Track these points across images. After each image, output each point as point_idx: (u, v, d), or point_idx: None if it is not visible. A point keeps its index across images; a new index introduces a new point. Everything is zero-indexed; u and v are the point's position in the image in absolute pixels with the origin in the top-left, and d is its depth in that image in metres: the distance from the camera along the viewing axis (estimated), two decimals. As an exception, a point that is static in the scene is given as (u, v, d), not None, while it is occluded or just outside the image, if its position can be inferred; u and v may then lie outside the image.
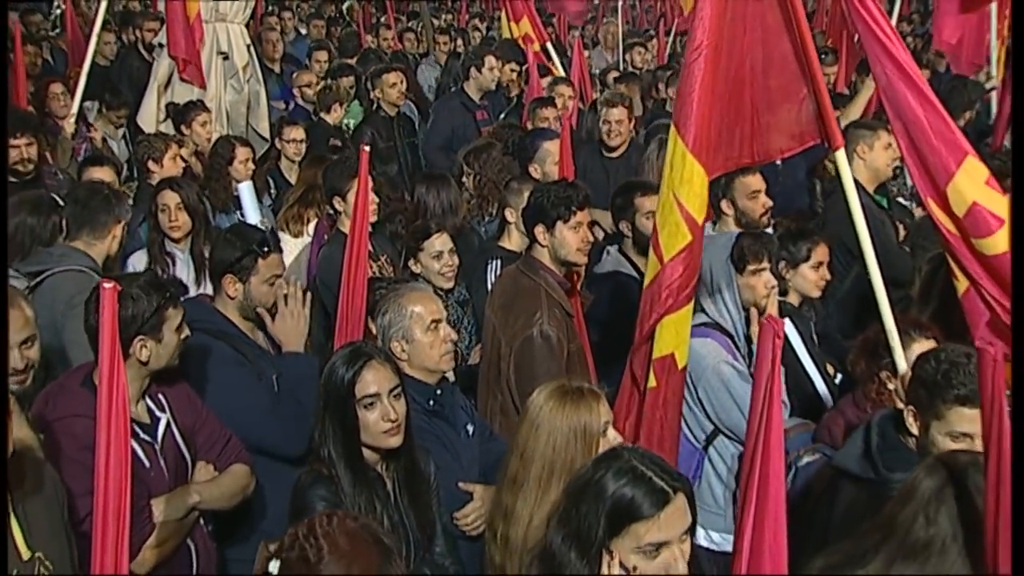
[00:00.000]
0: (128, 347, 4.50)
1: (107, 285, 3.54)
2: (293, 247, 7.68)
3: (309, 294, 5.71)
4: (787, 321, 5.95)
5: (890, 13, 11.68)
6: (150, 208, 7.39)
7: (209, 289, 6.42)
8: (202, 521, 4.85)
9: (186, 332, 4.78)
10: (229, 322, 5.42)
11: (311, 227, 7.94)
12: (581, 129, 10.68)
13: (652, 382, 5.22)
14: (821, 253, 6.36)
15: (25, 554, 3.78)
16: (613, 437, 4.17)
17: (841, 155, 5.39)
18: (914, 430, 4.33)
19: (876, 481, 4.26)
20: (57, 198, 6.69)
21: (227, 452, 4.94)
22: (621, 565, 3.29)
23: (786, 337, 5.83)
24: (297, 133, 9.85)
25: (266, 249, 5.49)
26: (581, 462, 3.95)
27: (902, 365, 5.04)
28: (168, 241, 7.26)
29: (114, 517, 3.49)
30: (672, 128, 5.11)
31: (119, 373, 3.53)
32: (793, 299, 6.26)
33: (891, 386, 5.08)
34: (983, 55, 11.23)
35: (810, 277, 6.23)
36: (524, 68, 11.67)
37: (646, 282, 5.22)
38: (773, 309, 5.95)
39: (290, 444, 5.16)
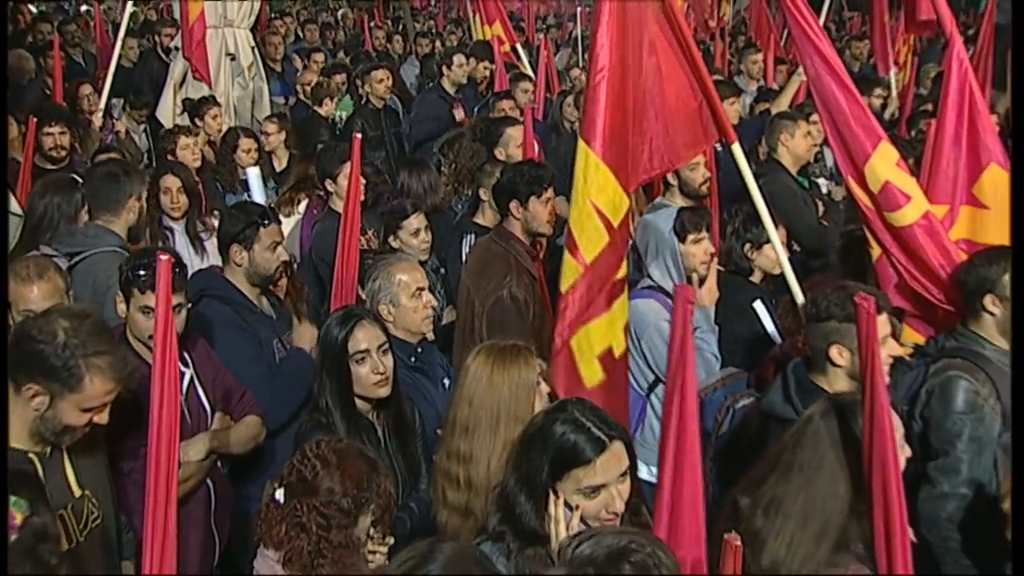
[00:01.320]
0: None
1: (163, 257, 3.54)
2: (286, 225, 7.55)
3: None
4: (758, 301, 5.97)
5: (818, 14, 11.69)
6: (151, 189, 7.25)
7: (204, 260, 6.68)
8: (219, 463, 4.84)
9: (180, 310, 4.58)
10: (237, 290, 5.35)
11: (301, 207, 7.86)
12: (548, 117, 10.57)
13: (600, 376, 5.08)
14: (781, 234, 6.27)
15: (76, 492, 3.83)
16: (544, 388, 4.12)
17: (736, 148, 5.42)
18: (840, 362, 4.34)
19: (797, 420, 4.24)
20: (77, 177, 6.67)
21: (241, 405, 4.93)
22: (566, 503, 3.26)
23: (758, 314, 5.92)
24: (269, 127, 9.69)
25: (266, 220, 5.43)
26: (523, 411, 3.93)
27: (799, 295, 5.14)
28: (167, 218, 7.24)
29: (165, 464, 3.45)
30: (581, 143, 5.04)
31: (171, 336, 3.51)
32: (756, 277, 6.16)
33: None
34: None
35: (772, 256, 6.10)
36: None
37: (564, 286, 5.06)
38: (713, 277, 5.94)
39: (271, 418, 5.08)
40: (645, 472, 5.55)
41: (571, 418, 3.33)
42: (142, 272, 4.55)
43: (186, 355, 4.74)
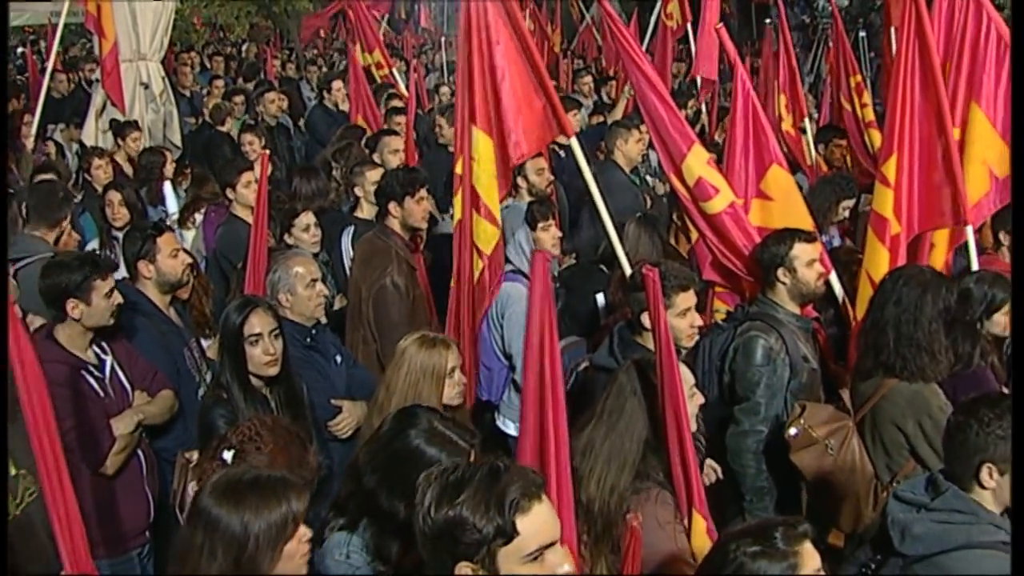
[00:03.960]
0: (64, 307, 4.50)
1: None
2: (188, 236, 7.52)
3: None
4: (601, 296, 5.97)
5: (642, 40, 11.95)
6: (100, 204, 7.28)
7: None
8: (144, 435, 4.71)
9: (117, 299, 4.64)
10: (150, 302, 5.19)
11: (199, 219, 7.63)
12: (419, 130, 10.49)
13: None
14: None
15: (12, 471, 3.70)
16: (459, 379, 4.08)
17: (574, 142, 5.53)
18: (650, 325, 4.36)
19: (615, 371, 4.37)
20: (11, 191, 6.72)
21: (156, 382, 4.81)
22: None
23: (596, 303, 5.96)
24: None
25: (160, 231, 5.29)
26: (428, 394, 3.90)
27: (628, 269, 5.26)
28: (113, 228, 7.13)
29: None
30: (479, 132, 5.11)
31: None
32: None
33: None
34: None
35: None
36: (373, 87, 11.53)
37: (488, 248, 5.18)
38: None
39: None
40: (512, 428, 5.65)
41: (436, 432, 3.18)
42: (92, 269, 4.54)
43: (104, 345, 4.65)
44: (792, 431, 4.34)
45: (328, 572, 3.14)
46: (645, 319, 4.45)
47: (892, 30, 9.92)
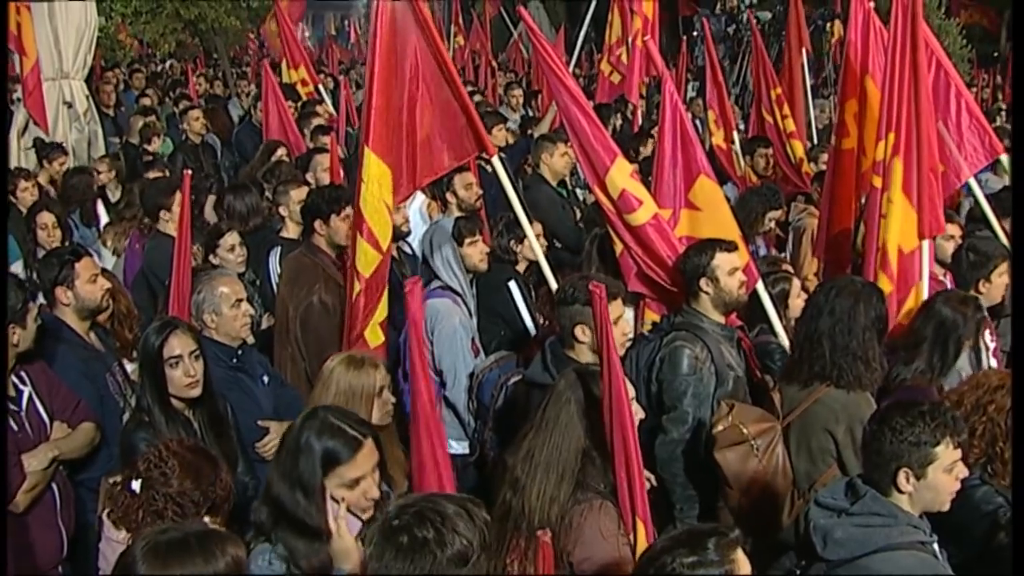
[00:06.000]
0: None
1: None
2: (107, 253, 7.29)
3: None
4: (512, 281, 6.02)
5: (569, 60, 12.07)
6: (28, 224, 7.02)
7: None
8: (61, 467, 4.56)
9: (39, 320, 4.59)
10: (69, 328, 5.03)
11: (123, 242, 7.35)
12: (349, 147, 10.44)
13: (381, 339, 5.27)
14: (537, 228, 6.36)
15: None
16: (387, 398, 4.03)
17: (496, 160, 5.58)
18: (583, 338, 4.49)
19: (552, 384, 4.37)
20: None
21: (78, 413, 4.65)
22: (332, 498, 3.19)
23: (511, 292, 5.99)
24: (100, 166, 9.35)
25: (77, 256, 5.13)
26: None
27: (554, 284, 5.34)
28: (40, 250, 6.85)
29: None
30: (371, 153, 5.06)
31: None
32: (521, 267, 6.21)
33: None
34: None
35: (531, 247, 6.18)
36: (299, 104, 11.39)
37: (367, 271, 5.14)
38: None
39: None
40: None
41: (328, 424, 3.24)
42: (24, 292, 4.50)
43: (24, 375, 4.51)
44: (720, 427, 4.37)
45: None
46: (578, 332, 4.48)
47: (804, 51, 10.31)
